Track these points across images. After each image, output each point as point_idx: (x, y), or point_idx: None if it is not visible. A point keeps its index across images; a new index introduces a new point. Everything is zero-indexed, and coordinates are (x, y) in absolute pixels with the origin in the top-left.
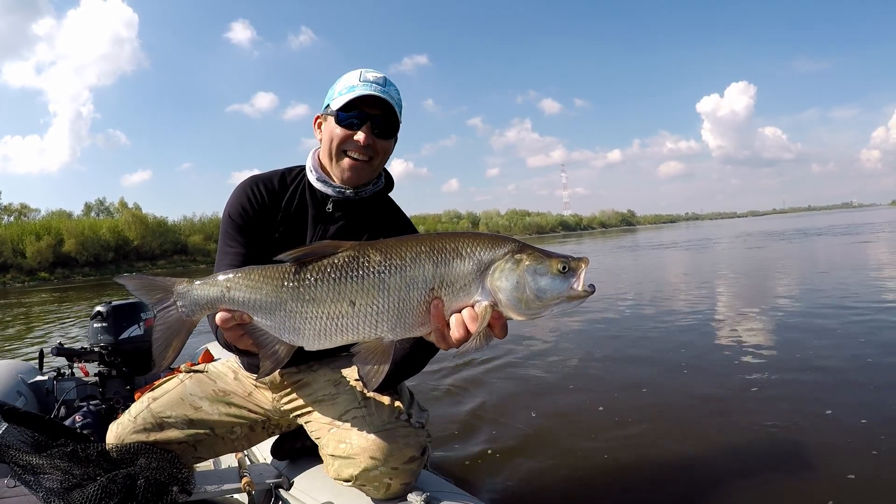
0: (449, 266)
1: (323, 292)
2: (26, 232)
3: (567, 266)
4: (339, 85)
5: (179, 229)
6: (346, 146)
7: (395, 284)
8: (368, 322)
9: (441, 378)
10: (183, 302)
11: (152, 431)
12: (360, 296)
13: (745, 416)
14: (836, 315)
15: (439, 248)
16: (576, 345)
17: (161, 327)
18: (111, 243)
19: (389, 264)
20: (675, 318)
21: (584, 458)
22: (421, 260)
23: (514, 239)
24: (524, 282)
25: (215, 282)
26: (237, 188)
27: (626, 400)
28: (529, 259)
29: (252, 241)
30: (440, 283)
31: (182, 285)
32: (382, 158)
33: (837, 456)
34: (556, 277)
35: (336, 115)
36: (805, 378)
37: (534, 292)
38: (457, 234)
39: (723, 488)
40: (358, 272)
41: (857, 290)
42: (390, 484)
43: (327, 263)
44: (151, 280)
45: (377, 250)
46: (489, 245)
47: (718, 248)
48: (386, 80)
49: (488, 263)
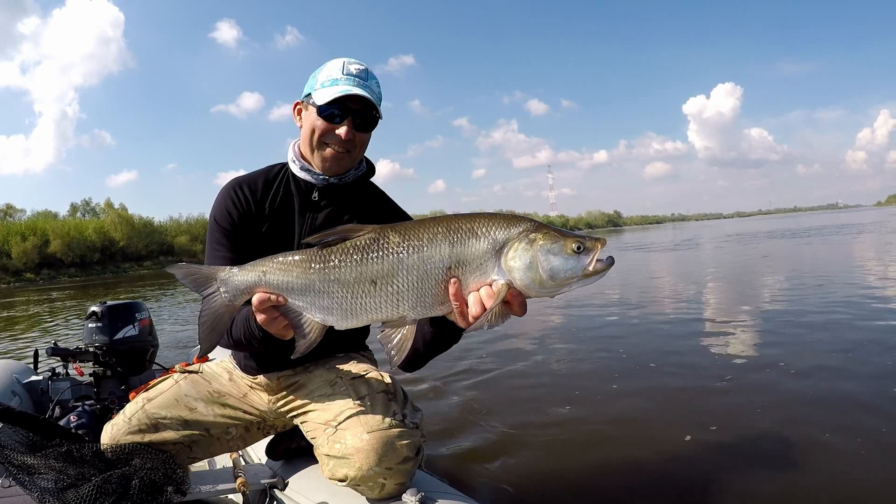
0: (465, 245)
1: (346, 273)
2: (12, 232)
3: (582, 246)
4: (322, 75)
5: (166, 230)
6: (326, 138)
7: (413, 264)
8: (390, 301)
9: (436, 378)
10: (226, 288)
11: (147, 432)
12: (380, 275)
13: (744, 415)
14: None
15: (455, 228)
16: (571, 345)
17: (207, 312)
18: (97, 244)
19: (408, 245)
20: (673, 319)
21: (579, 457)
22: (438, 240)
23: (531, 219)
24: (537, 261)
25: (253, 267)
26: (221, 192)
27: (621, 399)
28: (544, 238)
29: (239, 243)
30: (457, 262)
31: (224, 272)
32: (361, 149)
33: (838, 456)
34: (569, 257)
35: (318, 107)
36: (805, 379)
37: (547, 272)
38: (473, 214)
39: (718, 488)
40: (378, 253)
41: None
42: (385, 484)
43: (350, 245)
44: (198, 269)
45: (396, 232)
46: (504, 225)
47: (728, 248)
48: (368, 72)
49: (503, 243)
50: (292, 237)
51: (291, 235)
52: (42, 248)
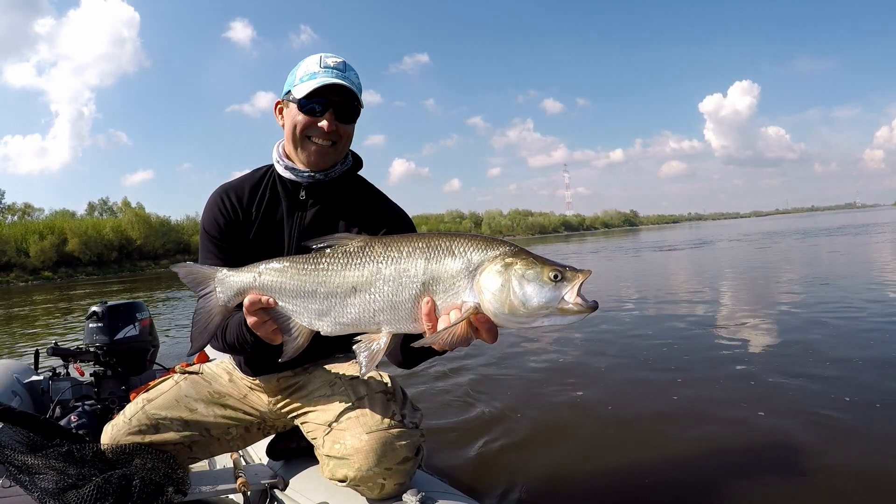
0: (440, 263)
1: (331, 277)
2: (30, 231)
3: (560, 275)
4: (300, 71)
5: (182, 229)
6: (310, 132)
7: (389, 275)
8: (367, 310)
9: (435, 378)
10: (222, 288)
11: (147, 433)
12: (360, 283)
13: (751, 417)
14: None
15: (435, 245)
16: (572, 345)
17: (201, 311)
18: (114, 243)
19: (387, 255)
20: (681, 321)
21: (579, 458)
22: (415, 255)
23: (512, 244)
24: (510, 286)
25: (250, 269)
26: (209, 200)
27: (623, 402)
28: (520, 263)
29: (229, 250)
30: (431, 278)
31: (222, 273)
32: (346, 142)
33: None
34: (544, 285)
35: (298, 102)
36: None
37: (518, 298)
38: (455, 234)
39: (718, 493)
40: (361, 260)
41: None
42: (384, 484)
43: (340, 251)
44: (199, 268)
45: (381, 243)
46: (482, 246)
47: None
48: (346, 64)
49: (478, 264)
50: (282, 239)
51: (281, 237)
52: (60, 246)
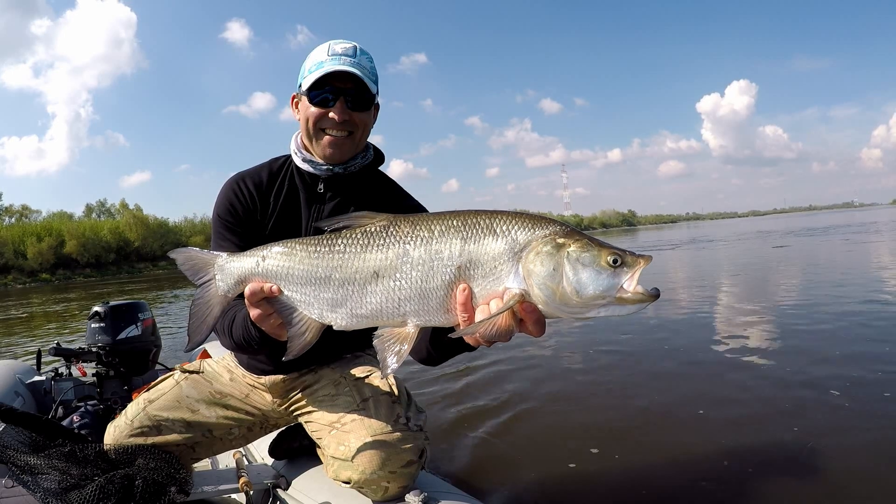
0: (479, 243)
1: (349, 260)
2: (27, 233)
3: (620, 260)
4: (309, 61)
5: (180, 230)
6: (322, 124)
7: (419, 257)
8: (391, 299)
9: (440, 379)
10: (221, 275)
11: (150, 434)
12: (383, 266)
13: (752, 418)
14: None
15: (472, 223)
16: (575, 344)
17: (199, 302)
18: (112, 244)
19: (416, 235)
20: (683, 320)
21: (581, 459)
22: (450, 234)
23: (563, 222)
24: (562, 270)
25: (252, 252)
26: (224, 186)
27: (626, 403)
28: (574, 245)
29: (245, 237)
30: (468, 261)
31: (222, 258)
32: (363, 131)
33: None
34: (601, 271)
35: (308, 93)
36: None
37: (572, 285)
38: (496, 211)
39: (718, 493)
40: (384, 241)
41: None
42: (388, 487)
43: (358, 231)
44: (198, 253)
45: (408, 221)
46: (529, 224)
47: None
48: (356, 49)
49: (524, 245)
50: (299, 231)
51: (298, 229)
52: (57, 248)
